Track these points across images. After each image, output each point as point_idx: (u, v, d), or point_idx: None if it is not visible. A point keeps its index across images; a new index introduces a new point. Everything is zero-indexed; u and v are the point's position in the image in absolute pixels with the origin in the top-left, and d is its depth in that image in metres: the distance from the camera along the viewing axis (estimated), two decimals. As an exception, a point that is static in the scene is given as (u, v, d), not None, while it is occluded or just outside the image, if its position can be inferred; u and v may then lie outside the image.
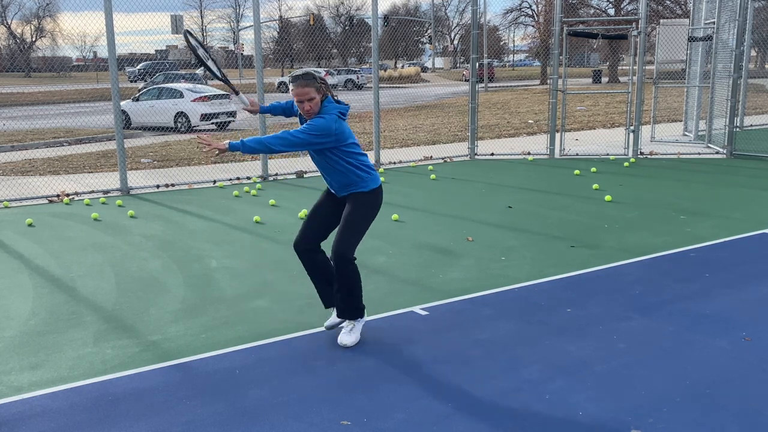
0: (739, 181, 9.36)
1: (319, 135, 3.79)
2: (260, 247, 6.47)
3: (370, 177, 4.05)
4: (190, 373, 3.85)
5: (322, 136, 3.80)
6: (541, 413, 3.33)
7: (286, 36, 54.93)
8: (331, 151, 3.93)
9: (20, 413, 3.43)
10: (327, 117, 3.83)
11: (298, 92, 3.84)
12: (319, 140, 3.81)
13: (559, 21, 11.37)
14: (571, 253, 6.06)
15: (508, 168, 10.92)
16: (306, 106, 3.86)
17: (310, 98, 3.84)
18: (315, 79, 3.85)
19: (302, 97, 3.84)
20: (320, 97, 3.88)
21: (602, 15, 43.75)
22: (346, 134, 3.91)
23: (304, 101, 3.85)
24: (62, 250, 6.47)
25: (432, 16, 58.13)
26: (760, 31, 16.62)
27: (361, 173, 4.01)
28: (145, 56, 35.25)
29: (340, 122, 3.88)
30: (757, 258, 5.83)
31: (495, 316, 4.61)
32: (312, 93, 3.83)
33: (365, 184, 4.03)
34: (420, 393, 3.55)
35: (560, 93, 11.62)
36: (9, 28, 47.20)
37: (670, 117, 17.97)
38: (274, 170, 10.62)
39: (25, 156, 13.23)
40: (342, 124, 3.89)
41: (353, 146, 3.98)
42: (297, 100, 3.88)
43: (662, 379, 3.65)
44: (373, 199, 4.07)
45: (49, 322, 4.65)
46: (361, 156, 4.02)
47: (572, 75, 29.48)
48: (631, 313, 4.61)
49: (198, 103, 18.51)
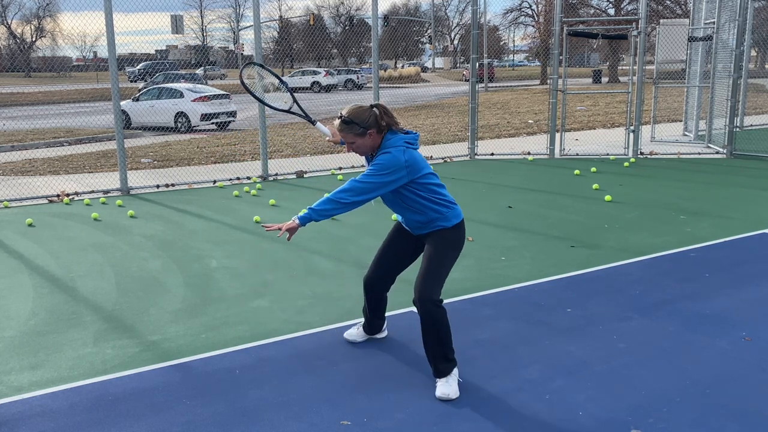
0: (739, 181, 9.36)
1: (389, 173, 3.39)
2: (260, 247, 6.47)
3: (451, 212, 3.62)
4: (190, 373, 3.85)
5: (392, 173, 3.39)
6: (541, 413, 3.33)
7: (286, 36, 54.97)
8: (405, 188, 3.50)
9: (20, 413, 3.43)
10: (393, 150, 3.43)
11: (342, 136, 3.56)
12: (391, 178, 3.40)
13: (559, 21, 11.37)
14: (571, 253, 6.06)
15: (508, 168, 10.92)
16: (350, 148, 3.58)
17: (351, 142, 3.53)
18: (355, 123, 3.46)
19: (345, 139, 3.56)
20: (371, 137, 3.50)
21: (602, 15, 43.77)
22: (419, 165, 3.48)
23: (347, 143, 3.58)
24: (62, 250, 6.47)
25: (432, 16, 58.16)
26: (760, 31, 16.63)
27: (441, 209, 3.58)
28: (145, 56, 35.23)
29: (410, 152, 3.47)
30: (757, 258, 5.83)
31: (495, 316, 4.61)
32: (350, 138, 3.51)
33: (447, 220, 3.61)
34: (420, 393, 3.55)
35: (560, 93, 11.62)
36: (9, 28, 47.22)
37: (670, 117, 17.97)
38: (274, 170, 10.62)
39: (25, 156, 13.24)
40: (413, 154, 3.47)
41: (430, 177, 3.55)
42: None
43: (662, 379, 3.65)
44: (457, 235, 3.65)
45: (49, 322, 4.65)
46: (440, 188, 3.60)
47: (572, 75, 29.51)
48: (631, 313, 4.61)
49: (198, 103, 18.51)
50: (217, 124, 18.51)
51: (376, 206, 8.01)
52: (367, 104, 3.57)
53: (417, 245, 3.79)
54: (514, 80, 48.38)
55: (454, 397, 3.49)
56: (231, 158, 12.61)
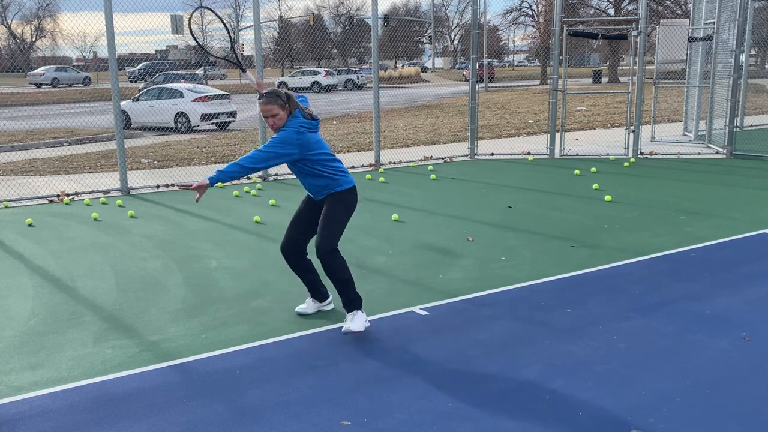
0: (739, 181, 9.36)
1: (282, 146, 4.09)
2: (260, 247, 6.47)
3: (343, 178, 4.32)
4: (190, 373, 3.85)
5: (285, 146, 4.09)
6: (541, 413, 3.33)
7: (286, 36, 54.95)
8: (302, 162, 4.22)
9: (20, 413, 3.43)
10: (288, 129, 4.12)
11: (262, 109, 4.15)
12: (284, 151, 4.10)
13: (559, 21, 11.37)
14: (571, 253, 6.06)
15: (508, 168, 10.92)
16: (270, 121, 4.17)
17: (273, 114, 4.13)
18: (278, 97, 4.15)
19: (266, 113, 4.15)
20: (284, 113, 4.16)
21: (602, 15, 43.76)
22: (311, 144, 4.16)
23: (268, 117, 4.16)
24: (62, 250, 6.47)
25: (432, 16, 58.14)
26: (760, 31, 16.63)
27: (335, 176, 4.29)
28: (145, 56, 35.24)
29: (303, 134, 4.13)
30: (757, 258, 5.83)
31: (495, 316, 4.61)
32: (275, 110, 4.13)
33: (339, 184, 4.31)
34: (420, 393, 3.56)
35: (560, 93, 11.62)
36: (9, 28, 47.20)
37: (670, 117, 17.97)
38: (274, 170, 10.62)
39: (25, 156, 13.23)
40: (305, 136, 4.14)
41: (323, 155, 4.24)
42: (263, 116, 4.19)
43: (662, 379, 3.65)
44: (348, 196, 4.34)
45: (49, 322, 4.65)
46: (332, 162, 4.29)
47: (572, 75, 29.47)
48: (631, 313, 4.61)
49: (198, 103, 18.50)
50: (217, 124, 18.50)
51: (376, 206, 8.01)
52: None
53: (319, 211, 4.38)
54: (514, 80, 48.38)
55: (356, 330, 4.24)
56: (231, 158, 12.60)
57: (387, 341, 4.21)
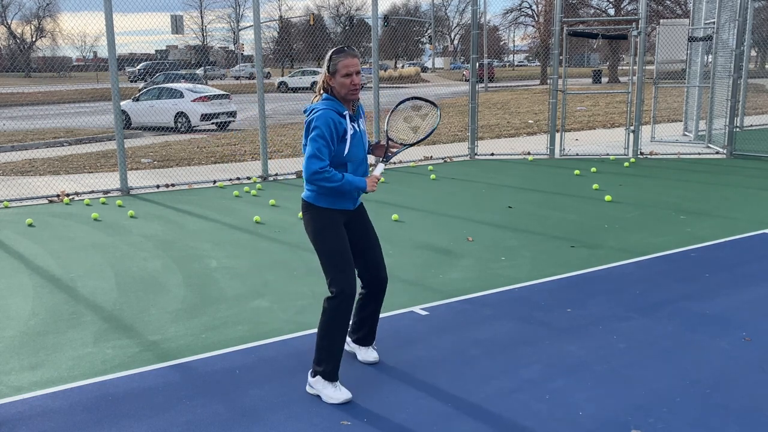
0: (739, 181, 9.36)
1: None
2: (260, 247, 6.47)
3: None
4: (190, 373, 3.85)
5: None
6: (541, 413, 3.33)
7: (286, 36, 54.95)
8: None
9: (20, 413, 3.43)
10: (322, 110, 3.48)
11: (351, 63, 3.43)
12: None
13: (559, 21, 11.37)
14: (571, 253, 6.06)
15: (508, 168, 10.92)
16: (356, 79, 3.45)
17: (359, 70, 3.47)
18: None
19: (355, 68, 3.43)
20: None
21: (602, 15, 43.76)
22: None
23: (352, 74, 3.43)
24: (62, 250, 6.47)
25: (432, 16, 58.16)
26: (760, 31, 16.62)
27: None
28: (145, 56, 35.21)
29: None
30: (758, 258, 5.83)
31: (495, 316, 4.61)
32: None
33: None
34: (420, 393, 3.55)
35: (560, 93, 11.62)
36: (9, 28, 47.22)
37: (670, 117, 17.97)
38: (274, 170, 10.62)
39: (25, 156, 13.23)
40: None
41: None
42: (347, 72, 3.42)
43: (662, 379, 3.65)
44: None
45: (49, 322, 4.65)
46: None
47: (572, 75, 29.49)
48: (631, 313, 4.61)
49: (198, 103, 18.50)
50: (217, 124, 18.50)
51: (376, 206, 8.00)
52: None
53: (350, 229, 3.79)
54: (514, 80, 48.38)
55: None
56: (231, 158, 12.61)
57: (387, 341, 4.21)
